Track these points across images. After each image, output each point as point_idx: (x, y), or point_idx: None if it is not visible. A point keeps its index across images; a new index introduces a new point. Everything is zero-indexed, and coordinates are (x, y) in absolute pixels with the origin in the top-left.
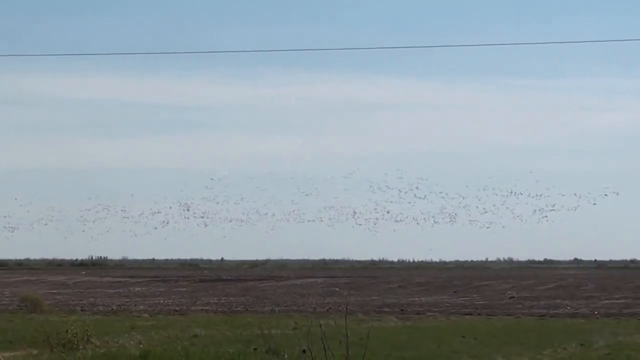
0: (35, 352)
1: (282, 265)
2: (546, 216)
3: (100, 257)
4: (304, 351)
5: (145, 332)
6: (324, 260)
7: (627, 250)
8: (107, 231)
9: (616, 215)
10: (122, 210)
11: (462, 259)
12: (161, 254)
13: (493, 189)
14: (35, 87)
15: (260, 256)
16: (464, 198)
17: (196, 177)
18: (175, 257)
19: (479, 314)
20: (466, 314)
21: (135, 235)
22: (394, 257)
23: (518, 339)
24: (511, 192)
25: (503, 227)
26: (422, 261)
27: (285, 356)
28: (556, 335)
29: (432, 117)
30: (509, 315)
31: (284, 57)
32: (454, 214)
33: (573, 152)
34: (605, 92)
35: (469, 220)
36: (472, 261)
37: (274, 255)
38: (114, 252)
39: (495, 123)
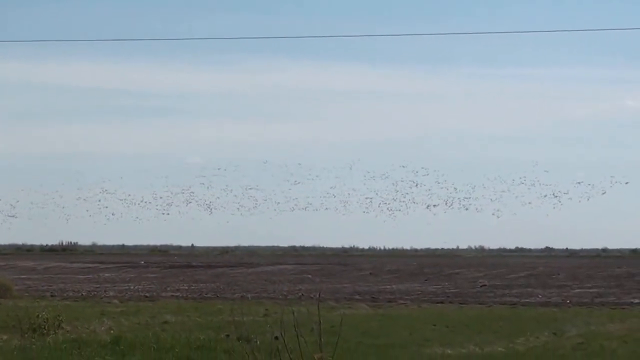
0: (5, 337)
1: (253, 252)
2: (517, 205)
3: (70, 242)
4: (276, 338)
5: (116, 318)
6: (294, 247)
7: (598, 239)
8: (77, 217)
9: (587, 204)
10: (93, 196)
11: (433, 246)
12: (131, 240)
13: (465, 178)
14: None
15: (231, 243)
16: (437, 184)
17: (167, 163)
18: (145, 243)
19: (450, 302)
20: (438, 302)
21: (106, 221)
22: (365, 245)
23: (490, 328)
24: (483, 181)
25: (474, 215)
26: (393, 249)
27: (258, 343)
28: (528, 324)
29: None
30: (480, 303)
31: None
32: (425, 202)
33: (546, 140)
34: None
35: (441, 208)
36: (443, 249)
37: (244, 242)
38: (84, 238)
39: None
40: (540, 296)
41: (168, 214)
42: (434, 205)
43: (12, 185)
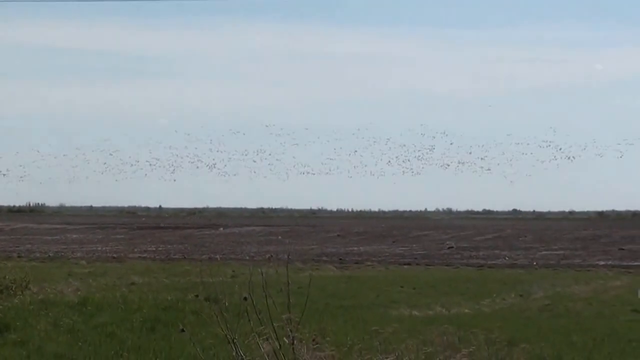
0: None
1: (221, 214)
2: (485, 167)
3: (38, 203)
4: (245, 299)
5: (83, 279)
6: (262, 209)
7: (565, 201)
8: (45, 178)
9: (554, 166)
10: (62, 156)
11: (401, 208)
12: (99, 201)
13: (430, 140)
14: None
15: (199, 204)
16: (402, 147)
17: (135, 124)
18: (113, 205)
19: (417, 264)
20: (405, 264)
21: (73, 181)
22: (332, 207)
23: (457, 289)
24: (450, 144)
25: (442, 178)
26: (361, 210)
27: (226, 304)
28: (495, 285)
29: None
30: (447, 265)
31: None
32: (393, 164)
33: (514, 104)
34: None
35: (409, 171)
36: (411, 211)
37: (212, 203)
38: (51, 199)
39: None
40: (506, 258)
41: (137, 174)
42: (403, 169)
43: None
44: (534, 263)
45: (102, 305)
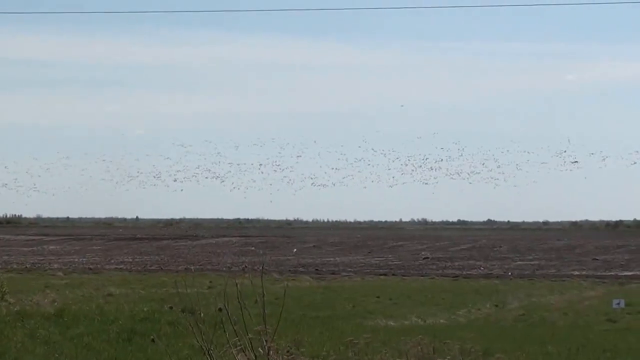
0: None
1: (197, 224)
2: (460, 178)
3: (15, 215)
4: (220, 310)
5: (60, 290)
6: (238, 219)
7: (539, 211)
8: (22, 189)
9: (529, 178)
10: (38, 168)
11: (376, 219)
12: (76, 213)
13: (408, 151)
14: None
15: (175, 215)
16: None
17: (110, 136)
18: (90, 216)
19: (393, 275)
20: (381, 275)
21: (51, 193)
22: (308, 217)
23: (432, 300)
24: (426, 154)
25: (417, 189)
26: (336, 221)
27: (202, 314)
28: (470, 296)
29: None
30: (423, 275)
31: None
32: (368, 175)
33: (489, 115)
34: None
35: (384, 181)
36: (386, 222)
37: (189, 214)
38: (28, 210)
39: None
40: (482, 268)
41: (113, 185)
42: (378, 180)
43: None
44: (509, 273)
45: (79, 317)
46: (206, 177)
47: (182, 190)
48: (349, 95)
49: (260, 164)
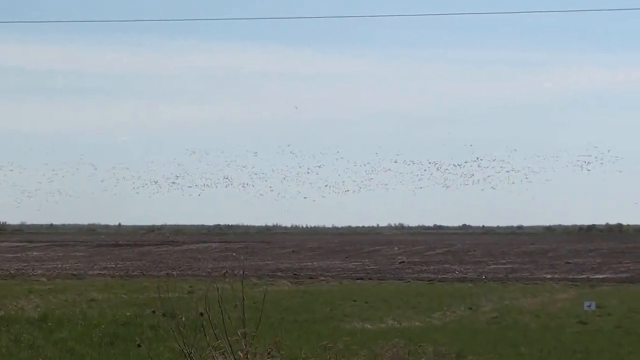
0: None
1: (178, 231)
2: (436, 184)
3: None
4: (201, 314)
5: (43, 295)
6: (219, 225)
7: (513, 216)
8: (5, 197)
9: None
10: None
11: (353, 224)
12: (59, 219)
13: (383, 157)
14: None
15: (157, 221)
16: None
17: (89, 143)
18: (73, 222)
19: (370, 279)
20: (358, 279)
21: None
22: (287, 223)
23: (408, 303)
24: (402, 161)
25: (394, 194)
26: (315, 227)
27: (183, 319)
28: (445, 299)
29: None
30: (399, 279)
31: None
32: (346, 181)
33: (463, 121)
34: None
35: (362, 187)
36: (363, 227)
37: (170, 221)
38: (12, 217)
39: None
40: (456, 272)
41: (96, 192)
42: (356, 186)
43: None
44: (483, 277)
45: (62, 321)
46: (188, 185)
47: (163, 195)
48: (325, 102)
49: (240, 171)
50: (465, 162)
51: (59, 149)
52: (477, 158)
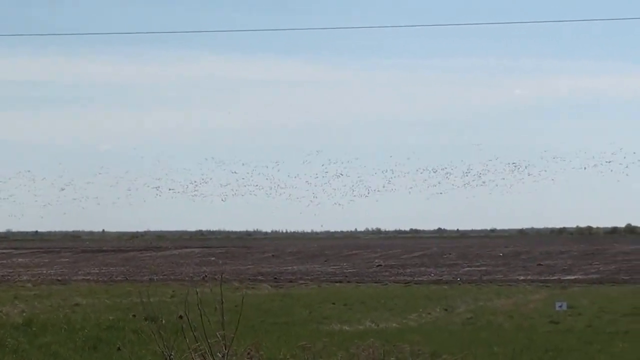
0: None
1: (161, 237)
2: (412, 189)
3: None
4: (180, 317)
5: (29, 301)
6: (200, 231)
7: (487, 220)
8: None
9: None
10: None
11: (332, 229)
12: (44, 227)
13: (361, 164)
14: None
15: (140, 228)
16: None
17: (72, 152)
18: (58, 229)
19: (348, 282)
20: (336, 282)
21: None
22: (267, 228)
23: (385, 305)
24: (378, 166)
25: (371, 199)
26: (294, 232)
27: (163, 322)
28: (421, 301)
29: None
30: (376, 282)
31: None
32: (324, 187)
33: (439, 127)
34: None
35: (340, 193)
36: (342, 231)
37: (153, 227)
38: None
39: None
40: (432, 275)
41: (80, 200)
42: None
43: None
44: (458, 279)
45: (47, 326)
46: (169, 189)
47: (144, 201)
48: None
49: (222, 177)
50: (441, 168)
51: (41, 157)
52: (451, 163)
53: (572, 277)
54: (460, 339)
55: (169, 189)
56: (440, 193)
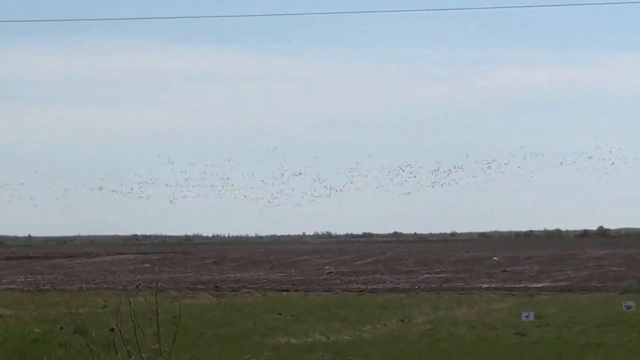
0: None
1: (92, 242)
2: (365, 190)
3: None
4: (112, 330)
5: None
6: (135, 235)
7: (447, 223)
8: None
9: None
10: None
11: (278, 233)
12: None
13: (310, 164)
14: None
15: (70, 232)
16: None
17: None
18: None
19: (296, 290)
20: (283, 290)
21: None
22: (208, 232)
23: (336, 315)
24: (327, 167)
25: (319, 201)
26: (237, 236)
27: (93, 335)
28: (375, 310)
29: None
30: (326, 291)
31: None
32: (269, 189)
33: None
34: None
35: (287, 194)
36: (289, 236)
37: (84, 232)
38: None
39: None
40: (388, 282)
41: (3, 204)
42: (280, 192)
43: None
44: (416, 287)
45: None
46: (100, 188)
47: (75, 205)
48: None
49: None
50: (396, 167)
51: None
52: (407, 163)
53: (540, 285)
54: (418, 351)
55: (112, 190)
56: (396, 194)
